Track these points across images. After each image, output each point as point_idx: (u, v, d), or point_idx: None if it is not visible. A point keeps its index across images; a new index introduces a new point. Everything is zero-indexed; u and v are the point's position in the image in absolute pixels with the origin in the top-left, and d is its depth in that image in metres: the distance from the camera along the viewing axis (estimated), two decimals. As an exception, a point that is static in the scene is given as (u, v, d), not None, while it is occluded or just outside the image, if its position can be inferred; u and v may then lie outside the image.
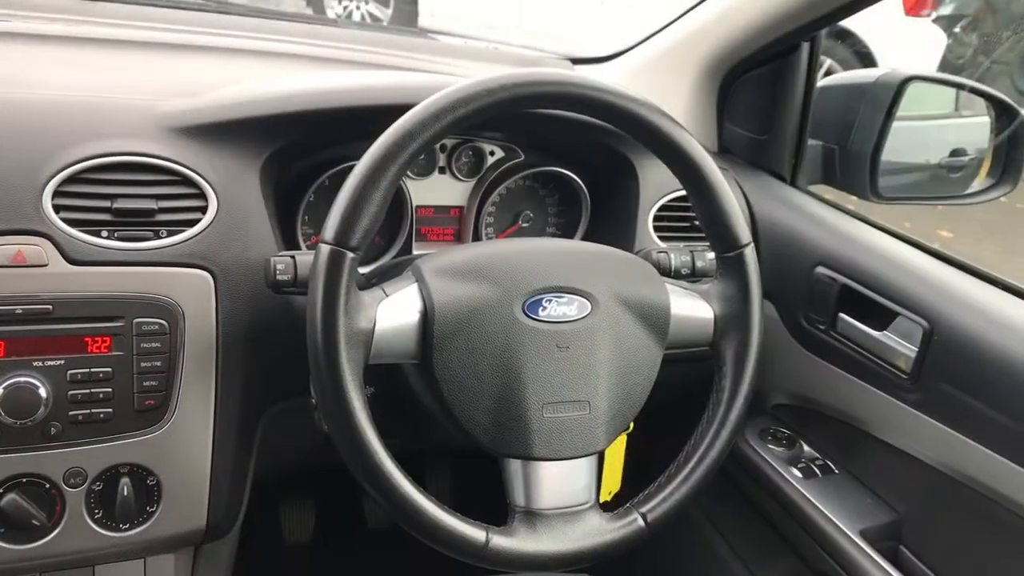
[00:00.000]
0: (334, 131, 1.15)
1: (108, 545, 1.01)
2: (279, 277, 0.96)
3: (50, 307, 0.94)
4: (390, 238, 1.30)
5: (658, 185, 1.30)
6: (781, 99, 1.40)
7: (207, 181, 1.03)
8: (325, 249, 0.86)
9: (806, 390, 1.34)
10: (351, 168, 0.88)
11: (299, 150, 1.15)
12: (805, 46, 1.38)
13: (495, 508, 0.97)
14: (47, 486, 0.97)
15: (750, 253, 1.01)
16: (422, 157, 1.25)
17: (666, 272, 1.13)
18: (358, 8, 7.24)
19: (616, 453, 1.26)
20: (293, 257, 0.96)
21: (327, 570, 1.77)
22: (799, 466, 1.30)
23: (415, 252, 1.31)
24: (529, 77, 0.91)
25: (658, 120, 0.96)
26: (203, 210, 1.03)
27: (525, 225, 1.36)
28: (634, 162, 1.29)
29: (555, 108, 0.94)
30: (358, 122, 1.10)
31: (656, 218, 1.30)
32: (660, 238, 1.30)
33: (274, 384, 1.10)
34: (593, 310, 0.96)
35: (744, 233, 1.00)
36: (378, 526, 1.74)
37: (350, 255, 0.86)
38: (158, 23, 1.42)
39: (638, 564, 1.67)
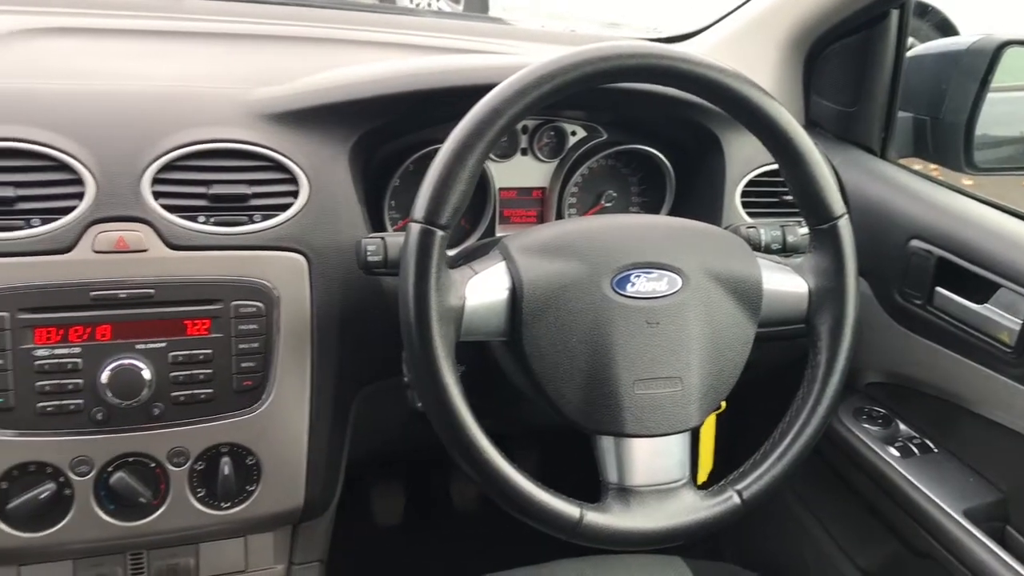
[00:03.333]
0: (419, 114, 1.16)
1: (210, 523, 1.04)
2: (370, 258, 0.97)
3: (152, 291, 0.97)
4: (474, 221, 1.31)
5: (745, 160, 1.28)
6: (870, 70, 1.36)
7: (298, 166, 1.05)
8: (416, 228, 0.86)
9: (901, 367, 1.31)
10: (435, 151, 0.89)
11: (385, 134, 1.16)
12: (894, 14, 1.34)
13: (582, 489, 0.97)
14: (152, 465, 1.00)
15: (845, 224, 0.98)
16: (504, 139, 1.25)
17: (756, 248, 1.11)
18: (429, 5, 7.29)
19: (708, 433, 1.24)
20: (383, 238, 0.97)
21: (416, 553, 1.79)
22: (896, 445, 1.27)
23: (498, 235, 1.32)
24: (616, 50, 0.90)
25: (748, 90, 0.94)
26: (295, 194, 1.05)
27: (608, 205, 1.36)
28: (720, 137, 1.27)
29: (642, 81, 0.93)
30: (444, 104, 1.11)
31: (743, 194, 1.28)
32: (748, 214, 1.28)
33: (366, 364, 1.11)
34: (684, 286, 0.95)
35: (839, 204, 0.98)
36: (466, 509, 1.76)
37: (440, 233, 0.87)
38: (238, 16, 1.45)
39: (725, 545, 1.65)
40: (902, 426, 1.32)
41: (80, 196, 0.97)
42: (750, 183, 1.29)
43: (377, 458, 1.25)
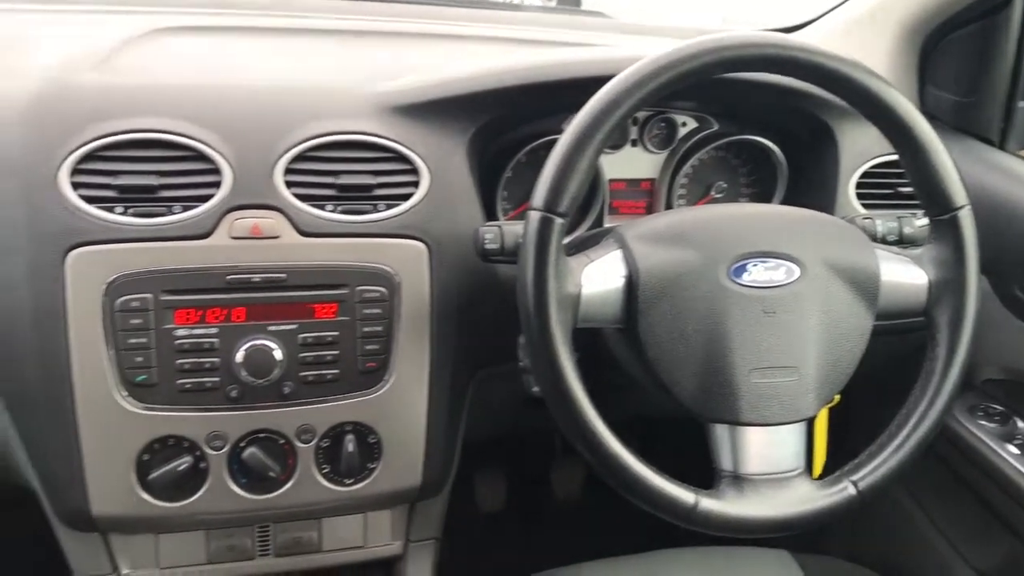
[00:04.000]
0: (535, 106, 1.19)
1: (333, 499, 1.09)
2: (488, 246, 1.00)
3: (284, 275, 1.02)
4: (583, 212, 1.33)
5: (860, 151, 1.26)
6: (990, 59, 1.33)
7: (420, 157, 1.09)
8: (535, 215, 0.89)
9: (1021, 363, 1.28)
10: (548, 143, 0.91)
11: (501, 126, 1.19)
12: (1018, 1, 1.30)
13: (692, 477, 0.98)
14: (281, 442, 1.05)
15: (967, 215, 0.97)
16: None
17: (871, 239, 1.10)
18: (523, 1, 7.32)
19: (821, 425, 1.24)
20: (500, 227, 1.00)
21: (518, 540, 1.83)
22: (1015, 442, 1.24)
23: (606, 225, 1.33)
24: (735, 40, 0.90)
25: (868, 79, 0.93)
26: (416, 184, 1.08)
27: (718, 196, 1.36)
28: (833, 127, 1.26)
29: (760, 71, 0.93)
30: (561, 95, 1.13)
31: (857, 185, 1.27)
32: (862, 207, 1.27)
33: (481, 350, 1.15)
34: (801, 275, 0.95)
35: (960, 194, 0.97)
36: (567, 496, 1.78)
37: (559, 221, 0.89)
38: (350, 14, 1.50)
39: (832, 541, 1.63)
40: (1020, 424, 1.28)
41: (218, 185, 1.02)
42: (864, 175, 1.27)
43: (481, 446, 1.28)
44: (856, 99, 0.95)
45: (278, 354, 1.02)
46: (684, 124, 1.32)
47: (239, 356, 1.01)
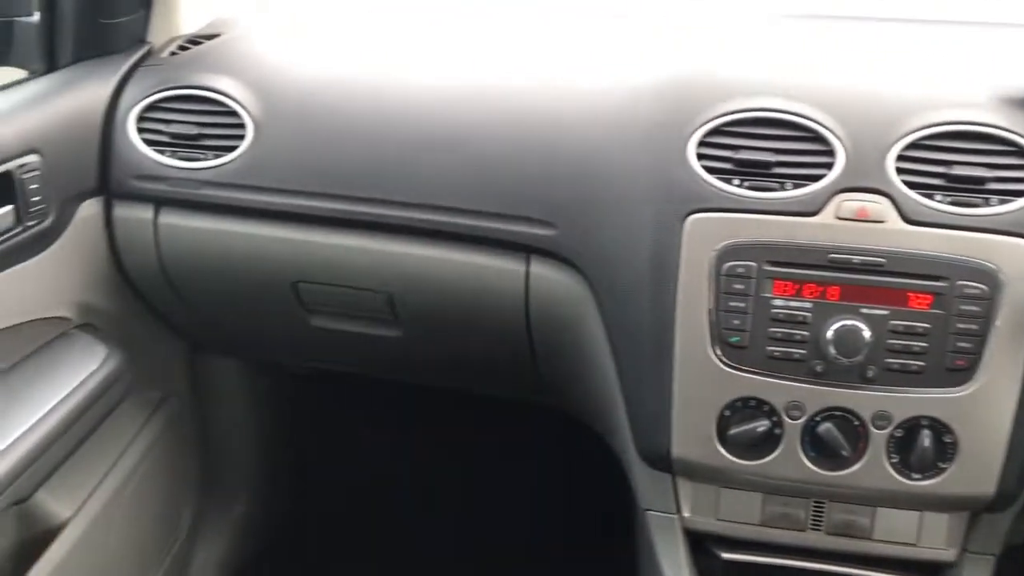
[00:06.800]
0: None
1: (897, 490, 1.08)
2: None
3: (883, 260, 1.03)
4: None
5: None
6: None
7: None
8: None
9: None
10: None
11: None
12: None
13: None
14: (856, 423, 1.06)
15: None
16: None
17: None
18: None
19: None
20: None
21: None
22: None
23: None
24: None
25: None
26: None
27: None
28: None
29: None
30: None
31: None
32: None
33: None
34: None
35: None
36: None
37: None
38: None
39: None
40: None
41: (830, 166, 1.06)
42: None
43: None
44: None
45: (867, 336, 1.03)
46: None
47: (829, 333, 1.04)
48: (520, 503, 2.07)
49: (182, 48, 1.43)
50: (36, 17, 1.35)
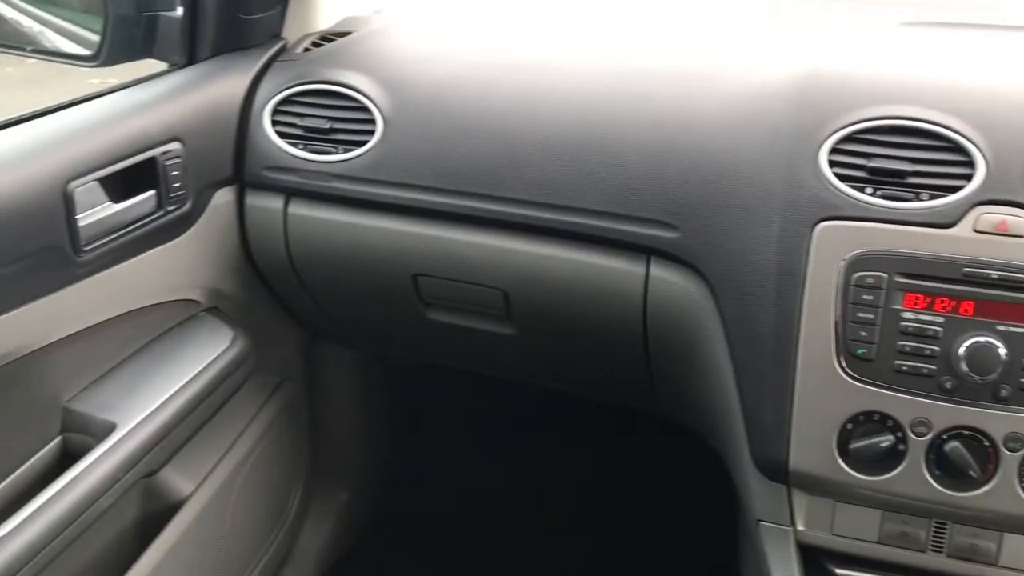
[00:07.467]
0: None
1: None
2: None
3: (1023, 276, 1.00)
4: None
5: None
6: None
7: None
8: None
9: None
10: None
11: None
12: None
13: None
14: (986, 444, 1.03)
15: None
16: None
17: None
18: None
19: None
20: None
21: None
22: None
23: None
24: None
25: None
26: None
27: None
28: None
29: None
30: None
31: None
32: None
33: None
34: None
35: None
36: None
37: None
38: None
39: None
40: None
41: (969, 178, 1.03)
42: None
43: None
44: None
45: (1002, 354, 1.00)
46: None
47: (961, 349, 1.01)
48: (622, 513, 2.07)
49: (315, 44, 1.47)
50: (179, 12, 1.41)
